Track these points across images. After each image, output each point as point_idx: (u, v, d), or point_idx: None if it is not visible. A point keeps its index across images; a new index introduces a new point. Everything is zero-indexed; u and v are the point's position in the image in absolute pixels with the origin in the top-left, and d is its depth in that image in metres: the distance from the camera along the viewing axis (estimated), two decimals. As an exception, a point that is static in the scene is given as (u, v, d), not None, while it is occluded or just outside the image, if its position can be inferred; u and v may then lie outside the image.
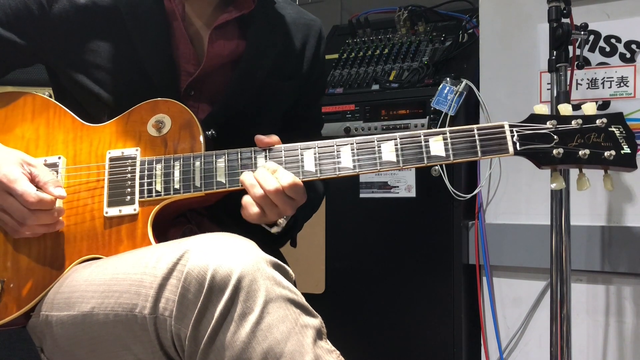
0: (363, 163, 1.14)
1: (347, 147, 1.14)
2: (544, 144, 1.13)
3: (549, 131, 1.13)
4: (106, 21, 1.22)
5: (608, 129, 1.12)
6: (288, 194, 1.11)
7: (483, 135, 1.13)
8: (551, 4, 1.55)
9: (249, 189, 1.11)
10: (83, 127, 1.21)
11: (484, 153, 1.13)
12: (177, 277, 0.94)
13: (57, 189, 1.09)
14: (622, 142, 1.11)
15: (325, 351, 0.94)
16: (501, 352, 1.98)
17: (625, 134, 1.12)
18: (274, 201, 1.10)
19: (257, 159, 1.15)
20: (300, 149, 1.15)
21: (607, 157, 1.11)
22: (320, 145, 1.15)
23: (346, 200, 2.15)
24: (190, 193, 1.14)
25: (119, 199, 1.15)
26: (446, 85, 2.00)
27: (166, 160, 1.16)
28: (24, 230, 1.09)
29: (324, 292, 2.18)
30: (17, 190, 1.06)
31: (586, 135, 1.12)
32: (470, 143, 1.13)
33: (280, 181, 1.10)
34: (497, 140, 1.13)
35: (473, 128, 1.13)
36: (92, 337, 1.02)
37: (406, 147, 1.14)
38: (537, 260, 1.88)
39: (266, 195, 1.10)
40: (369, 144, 1.14)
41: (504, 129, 1.13)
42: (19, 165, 1.09)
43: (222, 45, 1.27)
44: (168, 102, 1.19)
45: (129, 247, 1.12)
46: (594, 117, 1.13)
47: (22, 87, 1.92)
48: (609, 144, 1.12)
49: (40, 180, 1.09)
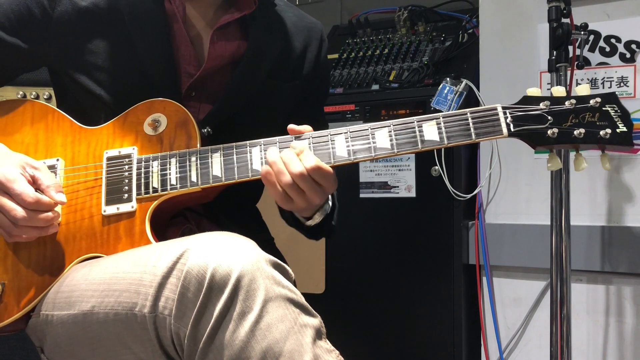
0: (358, 150, 1.13)
1: (341, 136, 1.14)
2: (538, 124, 1.12)
3: (542, 112, 1.12)
4: (107, 23, 1.23)
5: (602, 109, 1.11)
6: (314, 178, 1.09)
7: (476, 118, 1.12)
8: (551, 4, 1.55)
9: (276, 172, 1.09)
10: (81, 129, 1.22)
11: (478, 135, 1.12)
12: (176, 276, 0.94)
13: (58, 194, 1.09)
14: (617, 121, 1.10)
15: (324, 351, 0.94)
16: (501, 352, 1.98)
17: (620, 112, 1.11)
18: (300, 185, 1.08)
19: (252, 152, 1.15)
20: (295, 139, 1.15)
21: (603, 136, 1.10)
22: (315, 135, 1.15)
23: (346, 200, 2.14)
24: (187, 188, 1.14)
25: (117, 197, 1.15)
26: (446, 85, 2.00)
27: (162, 157, 1.16)
28: (18, 233, 1.08)
29: (324, 292, 2.18)
30: (15, 190, 1.05)
31: (580, 115, 1.11)
32: (464, 126, 1.12)
33: (305, 164, 1.08)
34: (490, 122, 1.12)
35: (466, 112, 1.13)
36: (92, 336, 1.02)
37: (400, 133, 1.13)
38: (537, 260, 1.88)
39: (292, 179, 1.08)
40: (363, 131, 1.14)
41: (497, 111, 1.12)
42: (19, 167, 1.09)
43: (224, 46, 1.27)
44: (164, 101, 1.20)
45: (128, 245, 1.12)
46: (587, 97, 1.12)
47: (22, 87, 1.93)
48: (604, 123, 1.10)
49: (43, 184, 1.09)
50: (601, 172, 1.82)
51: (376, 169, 2.11)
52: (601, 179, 1.84)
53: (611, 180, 1.82)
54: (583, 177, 1.83)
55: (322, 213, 1.20)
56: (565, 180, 1.59)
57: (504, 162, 1.98)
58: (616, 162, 1.81)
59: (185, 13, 1.26)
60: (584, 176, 1.84)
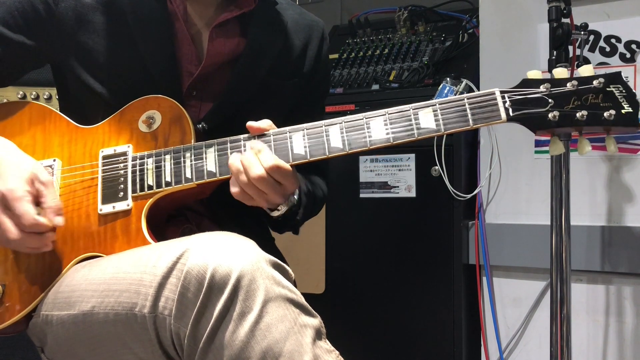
0: (353, 141, 1.11)
1: (335, 127, 1.13)
2: (538, 108, 1.07)
3: (542, 95, 1.07)
4: (110, 21, 1.23)
5: (606, 89, 1.06)
6: (275, 178, 1.09)
7: (474, 103, 1.09)
8: (551, 4, 1.55)
9: (235, 175, 1.10)
10: (77, 129, 1.22)
11: (475, 121, 1.08)
12: (176, 276, 0.94)
13: (57, 217, 1.07)
14: (622, 102, 1.05)
15: (324, 351, 0.94)
16: (501, 352, 1.98)
17: (625, 93, 1.06)
18: (259, 187, 1.08)
19: (246, 146, 1.14)
20: (289, 132, 1.14)
21: (607, 118, 1.04)
22: (309, 127, 1.14)
23: (346, 200, 2.15)
24: (182, 185, 1.14)
25: (113, 195, 1.15)
26: (446, 85, 2.00)
27: (157, 154, 1.16)
28: (11, 247, 1.09)
29: (324, 292, 2.18)
30: (17, 209, 1.04)
31: (583, 97, 1.06)
32: (460, 112, 1.08)
33: (263, 164, 1.08)
34: (488, 107, 1.08)
35: (463, 97, 1.09)
36: (92, 336, 1.02)
37: (395, 122, 1.11)
38: (537, 260, 1.88)
39: (251, 182, 1.08)
40: (358, 122, 1.13)
41: (494, 96, 1.08)
42: (28, 183, 1.07)
43: (222, 44, 1.27)
44: (158, 98, 1.20)
45: (124, 243, 1.12)
46: (590, 78, 1.07)
47: (22, 87, 1.93)
48: (608, 104, 1.05)
49: (45, 203, 1.07)
50: (601, 172, 1.82)
51: (376, 169, 2.11)
52: (601, 179, 1.84)
53: (611, 180, 1.82)
54: (583, 177, 1.84)
55: (287, 204, 1.18)
56: (565, 180, 1.59)
57: (504, 162, 1.98)
58: (616, 162, 1.81)
59: (187, 12, 1.26)
60: (584, 176, 1.84)
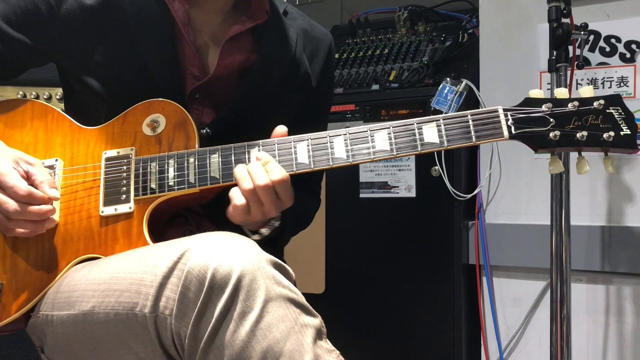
0: (357, 153, 1.13)
1: (340, 138, 1.14)
2: (540, 127, 1.10)
3: (544, 114, 1.10)
4: (111, 23, 1.23)
5: (606, 111, 1.09)
6: (277, 191, 1.10)
7: (477, 120, 1.11)
8: (551, 4, 1.55)
9: (239, 182, 1.10)
10: (80, 129, 1.22)
11: (478, 138, 1.11)
12: (177, 276, 0.94)
13: (51, 189, 1.09)
14: (621, 124, 1.08)
15: (324, 351, 0.94)
16: (501, 352, 1.98)
17: (624, 115, 1.09)
18: (261, 197, 1.09)
19: (250, 153, 1.14)
20: (293, 141, 1.14)
21: (606, 139, 1.08)
22: (314, 137, 1.14)
23: (346, 200, 2.15)
24: (185, 189, 1.14)
25: (115, 198, 1.15)
26: (446, 85, 2.00)
27: (161, 158, 1.16)
28: (12, 226, 1.08)
29: (324, 292, 2.18)
30: (7, 183, 1.06)
31: (584, 118, 1.09)
32: (464, 129, 1.11)
33: (270, 176, 1.09)
34: (491, 124, 1.11)
35: (467, 114, 1.12)
36: (92, 336, 1.02)
37: (400, 136, 1.13)
38: (537, 260, 1.88)
39: (255, 189, 1.08)
40: (362, 133, 1.14)
41: (498, 113, 1.11)
42: (13, 162, 1.10)
43: (234, 57, 1.27)
44: (163, 102, 1.20)
45: (125, 246, 1.12)
46: (591, 100, 1.10)
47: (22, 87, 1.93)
48: (607, 126, 1.08)
49: (36, 179, 1.10)
50: (601, 172, 1.82)
51: (376, 169, 2.11)
52: (601, 179, 1.84)
53: (611, 180, 1.82)
54: (583, 177, 1.84)
55: (268, 228, 1.18)
56: (565, 180, 1.59)
57: (504, 162, 1.98)
58: (616, 162, 1.81)
59: (188, 17, 1.26)
60: (584, 176, 1.84)
